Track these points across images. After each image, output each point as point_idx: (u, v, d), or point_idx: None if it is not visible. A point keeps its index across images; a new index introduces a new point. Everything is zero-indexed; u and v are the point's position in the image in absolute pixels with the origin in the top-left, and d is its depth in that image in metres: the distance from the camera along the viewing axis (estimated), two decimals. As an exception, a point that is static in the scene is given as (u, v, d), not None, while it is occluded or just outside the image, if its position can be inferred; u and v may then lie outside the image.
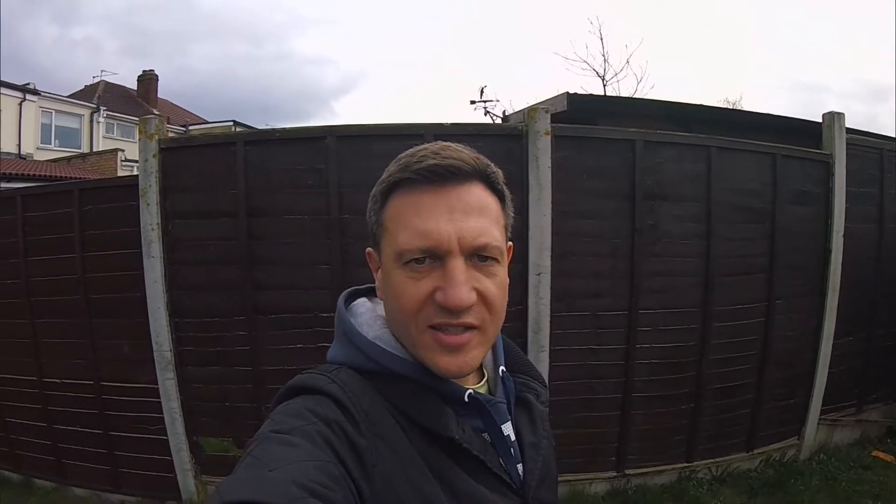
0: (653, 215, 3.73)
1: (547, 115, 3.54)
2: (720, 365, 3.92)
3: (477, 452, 0.71)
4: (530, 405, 0.84)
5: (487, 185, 0.73)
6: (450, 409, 0.71)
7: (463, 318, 0.68)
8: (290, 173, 3.52)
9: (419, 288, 0.69)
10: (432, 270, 0.69)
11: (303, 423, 0.63)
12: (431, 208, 0.69)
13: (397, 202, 0.72)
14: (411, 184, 0.71)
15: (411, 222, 0.69)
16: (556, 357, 3.57)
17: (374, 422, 0.67)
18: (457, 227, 0.68)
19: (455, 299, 0.67)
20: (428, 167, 0.69)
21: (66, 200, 3.85)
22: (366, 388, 0.70)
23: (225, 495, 0.52)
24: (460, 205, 0.69)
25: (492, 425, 0.75)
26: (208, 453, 3.68)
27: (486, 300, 0.70)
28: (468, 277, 0.68)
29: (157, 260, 3.52)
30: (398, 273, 0.70)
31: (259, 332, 3.54)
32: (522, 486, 0.76)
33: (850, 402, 4.63)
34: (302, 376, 0.72)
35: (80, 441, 3.95)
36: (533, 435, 0.81)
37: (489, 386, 0.82)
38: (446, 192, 0.70)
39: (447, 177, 0.70)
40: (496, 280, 0.71)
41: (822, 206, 4.20)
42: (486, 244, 0.69)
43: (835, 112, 4.23)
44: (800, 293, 4.19)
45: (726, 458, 4.06)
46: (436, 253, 0.68)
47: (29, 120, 19.34)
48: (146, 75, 26.43)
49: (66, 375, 3.94)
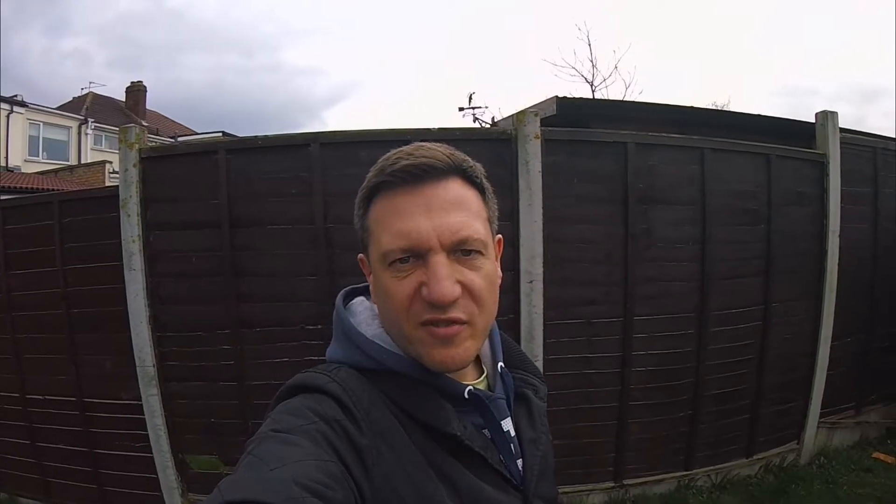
0: (646, 219, 3.68)
1: (536, 119, 3.47)
2: (717, 370, 3.86)
3: (477, 449, 0.71)
4: (529, 401, 0.85)
5: (465, 179, 0.74)
6: (450, 405, 0.72)
7: (450, 312, 0.69)
8: (273, 182, 3.43)
9: (405, 286, 0.70)
10: (416, 268, 0.70)
11: (303, 421, 0.63)
12: (409, 208, 0.70)
13: (378, 206, 0.73)
14: (389, 186, 0.72)
15: (392, 224, 0.70)
16: (551, 366, 3.49)
17: (375, 420, 0.67)
18: (436, 224, 0.69)
19: (438, 293, 0.67)
20: (402, 168, 0.70)
21: (47, 212, 3.77)
22: (365, 386, 0.71)
23: (226, 494, 0.52)
24: (437, 201, 0.70)
25: (492, 421, 0.76)
26: (195, 470, 3.58)
27: (472, 293, 0.70)
28: (451, 272, 0.69)
29: (138, 272, 3.42)
30: (385, 275, 0.71)
31: (244, 346, 3.45)
32: (523, 482, 0.77)
33: (848, 403, 4.59)
34: (302, 375, 0.73)
35: (65, 459, 3.86)
36: (532, 430, 0.82)
37: (488, 382, 0.83)
38: (423, 191, 0.70)
39: (422, 175, 0.70)
40: (481, 273, 0.72)
41: (818, 207, 4.16)
42: (466, 237, 0.70)
43: (828, 111, 4.19)
44: (796, 295, 4.14)
45: (726, 464, 4.00)
46: (417, 251, 0.69)
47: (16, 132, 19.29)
48: (134, 87, 26.41)
49: (49, 392, 3.85)
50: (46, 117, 21.05)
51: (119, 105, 26.14)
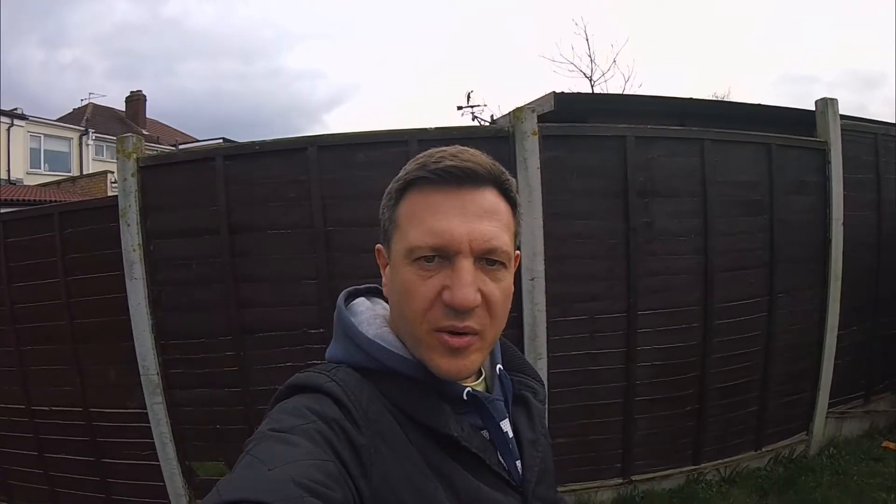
0: (647, 213, 3.65)
1: (534, 115, 3.45)
2: (724, 363, 3.83)
3: (476, 450, 0.71)
4: (528, 403, 0.85)
5: (501, 191, 0.74)
6: (448, 406, 0.72)
7: (466, 321, 0.69)
8: (271, 186, 3.43)
9: (427, 287, 0.69)
10: (441, 269, 0.69)
11: (302, 421, 0.63)
12: (445, 208, 0.70)
13: (412, 200, 0.73)
14: (427, 183, 0.72)
15: (425, 220, 0.70)
16: (555, 364, 3.47)
17: (373, 420, 0.67)
18: (469, 229, 0.69)
19: (461, 299, 0.67)
20: (445, 168, 0.70)
21: (48, 224, 3.77)
22: (365, 386, 0.70)
23: (224, 494, 0.52)
24: (474, 207, 0.70)
25: (490, 423, 0.76)
26: (203, 477, 3.58)
27: (489, 304, 0.70)
28: (475, 279, 0.69)
29: (139, 281, 3.43)
30: (407, 270, 0.71)
31: (247, 352, 3.45)
32: (522, 484, 0.76)
33: (857, 393, 4.56)
34: (301, 375, 0.73)
35: (73, 469, 3.86)
36: (531, 432, 0.82)
37: (487, 384, 0.83)
38: (461, 194, 0.71)
39: (463, 179, 0.71)
40: (501, 285, 0.72)
41: (820, 195, 4.12)
42: (496, 248, 0.70)
43: (828, 98, 4.16)
44: (801, 285, 4.11)
45: (735, 457, 3.97)
46: (446, 252, 0.69)
47: (17, 145, 19.35)
48: (134, 96, 26.48)
49: (55, 403, 3.85)
50: (47, 129, 21.13)
51: (119, 115, 26.20)
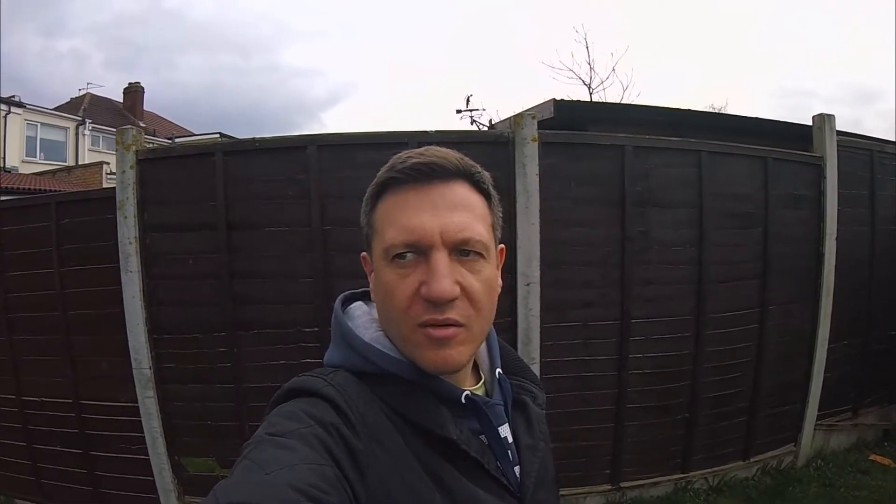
0: (643, 222, 3.67)
1: (534, 122, 3.47)
2: (715, 373, 3.86)
3: (474, 454, 0.71)
4: (527, 407, 0.84)
5: (472, 184, 0.75)
6: (446, 409, 0.72)
7: (447, 312, 0.69)
8: (270, 184, 3.43)
9: (406, 284, 0.70)
10: (418, 265, 0.70)
11: (299, 425, 0.63)
12: (416, 205, 0.71)
13: (385, 203, 0.74)
14: (397, 183, 0.73)
15: (397, 219, 0.71)
16: (548, 369, 3.48)
17: (370, 424, 0.67)
18: (440, 222, 0.70)
19: (437, 290, 0.67)
20: (412, 165, 0.72)
21: (44, 214, 3.75)
22: (362, 390, 0.70)
23: (221, 498, 0.52)
24: (443, 201, 0.71)
25: (489, 427, 0.75)
26: (192, 473, 3.56)
27: (469, 296, 0.70)
28: (451, 271, 0.69)
29: (135, 274, 3.42)
30: (386, 271, 0.72)
31: (240, 348, 3.44)
32: (520, 489, 0.76)
33: (845, 406, 4.59)
34: (298, 379, 0.73)
35: (61, 461, 3.84)
36: (530, 437, 0.81)
37: (486, 388, 0.83)
38: (431, 190, 0.71)
39: (431, 175, 0.71)
40: (480, 276, 0.72)
41: (815, 210, 4.16)
42: (468, 238, 0.71)
43: (825, 114, 4.19)
44: (793, 298, 4.15)
45: (723, 467, 3.99)
46: (420, 247, 0.70)
47: (14, 133, 19.23)
48: (132, 87, 26.37)
49: (46, 394, 3.82)
50: (44, 118, 21.00)
51: (117, 106, 26.09)
